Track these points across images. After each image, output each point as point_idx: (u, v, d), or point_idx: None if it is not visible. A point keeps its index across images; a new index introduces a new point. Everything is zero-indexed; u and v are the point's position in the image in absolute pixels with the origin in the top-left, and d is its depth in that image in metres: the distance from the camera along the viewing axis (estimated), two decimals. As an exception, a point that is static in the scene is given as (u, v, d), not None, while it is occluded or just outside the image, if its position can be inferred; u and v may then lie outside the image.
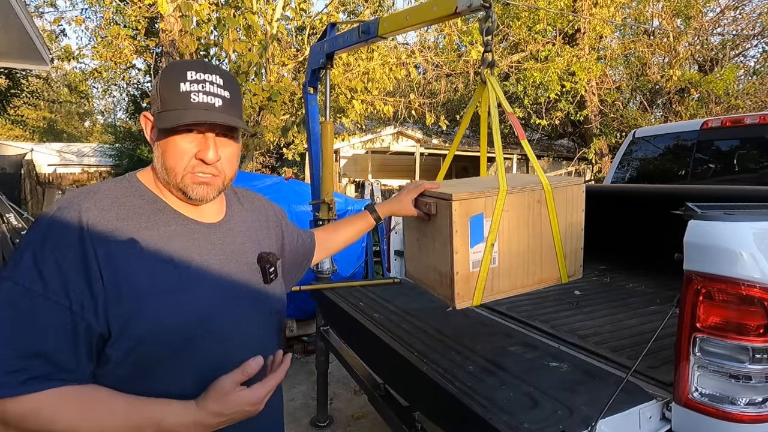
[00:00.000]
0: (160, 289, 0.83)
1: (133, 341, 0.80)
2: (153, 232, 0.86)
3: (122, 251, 0.82)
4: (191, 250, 0.90)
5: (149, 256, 0.84)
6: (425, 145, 13.30)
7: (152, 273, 0.83)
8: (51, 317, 0.76)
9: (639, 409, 1.22)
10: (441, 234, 1.35)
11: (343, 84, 6.75)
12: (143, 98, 11.80)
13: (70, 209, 0.82)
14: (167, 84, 0.86)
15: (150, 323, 0.81)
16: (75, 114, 28.43)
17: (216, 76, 0.89)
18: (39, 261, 0.77)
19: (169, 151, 0.87)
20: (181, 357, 0.85)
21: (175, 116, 0.84)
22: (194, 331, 0.86)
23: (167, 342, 0.83)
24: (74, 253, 0.79)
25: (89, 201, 0.84)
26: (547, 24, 9.09)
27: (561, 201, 1.48)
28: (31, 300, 0.76)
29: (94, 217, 0.82)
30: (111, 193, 0.87)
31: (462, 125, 1.69)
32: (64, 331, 0.76)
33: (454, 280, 1.32)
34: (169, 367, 0.84)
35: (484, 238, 1.35)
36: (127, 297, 0.80)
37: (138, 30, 7.15)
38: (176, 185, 0.89)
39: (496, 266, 1.39)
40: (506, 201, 1.36)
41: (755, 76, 11.09)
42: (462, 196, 1.29)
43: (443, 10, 1.78)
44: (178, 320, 0.84)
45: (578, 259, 1.57)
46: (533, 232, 1.45)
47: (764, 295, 1.09)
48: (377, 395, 1.98)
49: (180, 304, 0.85)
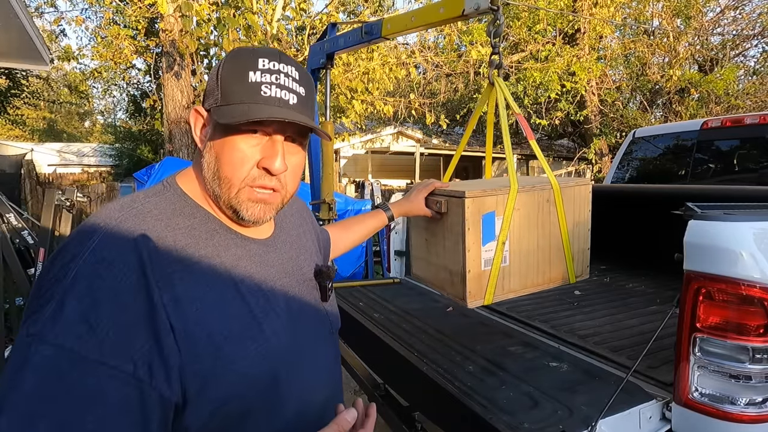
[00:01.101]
0: (236, 332, 0.67)
1: (216, 402, 0.64)
2: (215, 261, 0.69)
3: (188, 290, 0.64)
4: (256, 276, 0.74)
5: (217, 293, 0.67)
6: (425, 145, 13.31)
7: (224, 313, 0.67)
8: (112, 390, 0.56)
9: (639, 409, 1.22)
10: (452, 232, 1.35)
11: (343, 84, 6.76)
12: (143, 98, 11.80)
13: (119, 241, 0.63)
14: (232, 72, 0.70)
15: (233, 376, 0.65)
16: (75, 114, 28.44)
17: (292, 68, 0.73)
18: (89, 313, 0.56)
19: (225, 155, 0.70)
20: (267, 405, 0.70)
21: (241, 110, 0.67)
22: (278, 373, 0.71)
23: (253, 394, 0.68)
24: (137, 300, 0.59)
25: (140, 225, 0.65)
26: (547, 24, 9.09)
27: (569, 201, 1.49)
28: (82, 368, 0.55)
29: (152, 249, 0.63)
30: (161, 214, 0.69)
31: (469, 126, 1.69)
32: (129, 408, 0.56)
33: (466, 279, 1.32)
34: (255, 419, 0.69)
35: (496, 237, 1.35)
36: (203, 349, 0.63)
37: (138, 30, 7.14)
38: (227, 201, 0.71)
39: (507, 265, 1.40)
40: (517, 199, 1.37)
41: (755, 76, 11.11)
42: (474, 194, 1.29)
43: (450, 12, 1.77)
44: (262, 366, 0.69)
45: (585, 259, 1.58)
46: (542, 232, 1.46)
47: (764, 295, 1.09)
48: (377, 395, 1.98)
49: (260, 347, 0.69)
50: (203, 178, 0.73)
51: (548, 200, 1.45)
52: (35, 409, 0.53)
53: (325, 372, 0.84)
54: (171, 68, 5.72)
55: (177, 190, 0.74)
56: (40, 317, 0.56)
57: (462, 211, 1.29)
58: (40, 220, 3.42)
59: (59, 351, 0.55)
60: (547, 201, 1.45)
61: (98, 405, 0.55)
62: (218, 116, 0.68)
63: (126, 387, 0.56)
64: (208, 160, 0.72)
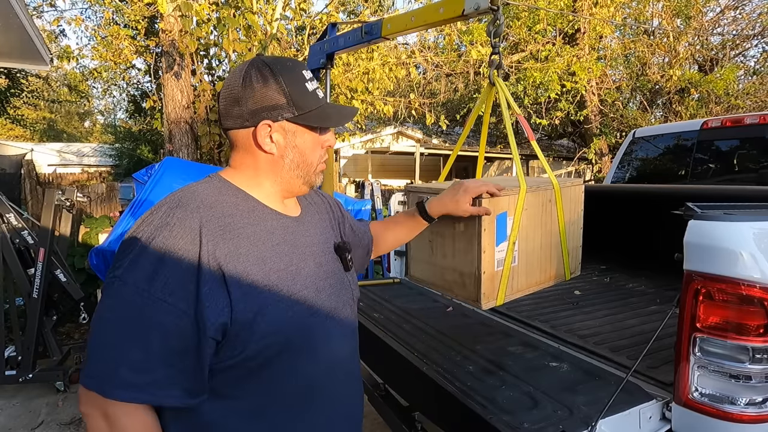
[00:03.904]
0: (273, 282, 0.84)
1: (260, 336, 0.81)
2: (256, 228, 0.87)
3: (236, 248, 0.82)
4: (290, 243, 0.91)
5: (258, 251, 0.84)
6: (425, 145, 13.30)
7: (264, 267, 0.84)
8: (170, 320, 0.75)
9: (639, 409, 1.22)
10: (465, 234, 1.34)
11: (343, 84, 6.75)
12: (143, 98, 11.79)
13: (180, 209, 0.81)
14: (295, 86, 0.89)
15: (273, 316, 0.82)
16: (75, 114, 28.42)
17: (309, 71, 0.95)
18: (156, 263, 0.76)
19: (309, 148, 0.93)
20: (300, 345, 0.87)
21: (322, 114, 0.91)
22: (308, 321, 0.88)
23: (288, 334, 0.84)
24: (193, 254, 0.77)
25: (196, 199, 0.84)
26: (547, 24, 9.09)
27: (566, 200, 1.50)
28: (149, 303, 0.74)
29: (207, 216, 0.82)
30: (210, 193, 0.87)
31: (467, 126, 1.70)
32: (181, 335, 0.76)
33: (481, 280, 1.32)
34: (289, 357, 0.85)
35: (507, 237, 1.35)
36: (249, 293, 0.80)
37: (138, 30, 7.13)
38: (308, 177, 0.95)
39: (516, 265, 1.40)
40: (525, 199, 1.37)
41: (755, 76, 11.10)
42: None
43: (450, 12, 1.77)
44: (295, 311, 0.85)
45: (578, 257, 1.59)
46: (545, 230, 1.47)
47: (764, 295, 1.09)
48: (377, 395, 1.98)
49: (293, 296, 0.86)
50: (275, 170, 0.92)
51: (550, 200, 1.46)
52: (119, 326, 0.75)
53: (349, 329, 1.00)
54: (171, 68, 5.71)
55: (221, 178, 0.92)
56: (122, 265, 0.77)
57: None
58: (40, 220, 3.42)
59: (135, 289, 0.75)
60: (549, 201, 1.46)
61: (160, 329, 0.75)
62: (314, 122, 0.91)
63: (179, 319, 0.75)
64: (291, 157, 0.92)
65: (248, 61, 0.90)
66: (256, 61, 0.89)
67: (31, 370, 3.29)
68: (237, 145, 0.92)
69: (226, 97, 0.89)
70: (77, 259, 4.69)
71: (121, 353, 0.74)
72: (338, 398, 0.96)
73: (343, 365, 0.98)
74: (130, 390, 0.74)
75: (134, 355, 0.74)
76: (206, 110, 6.06)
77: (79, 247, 5.16)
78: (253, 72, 0.88)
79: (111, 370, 0.74)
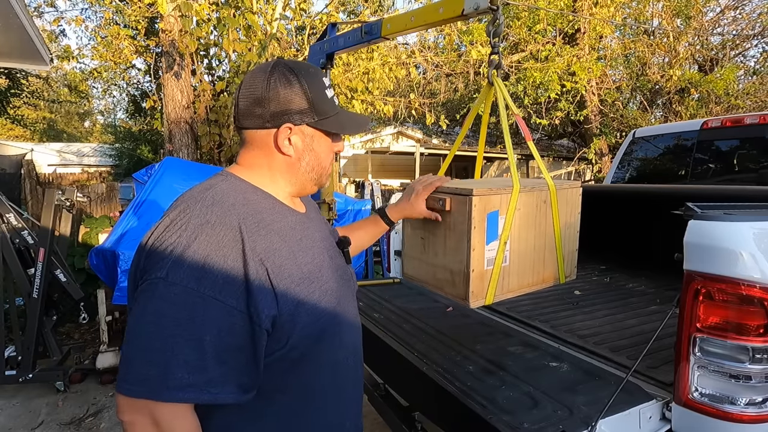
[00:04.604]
0: (306, 274, 0.87)
1: (302, 324, 0.84)
2: (282, 224, 0.89)
3: (271, 244, 0.84)
4: (309, 237, 0.95)
5: (288, 247, 0.87)
6: (425, 145, 13.31)
7: (296, 261, 0.87)
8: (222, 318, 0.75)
9: (639, 409, 1.22)
10: (456, 231, 1.33)
11: (343, 84, 6.74)
12: (143, 98, 11.79)
13: (218, 207, 0.82)
14: (317, 92, 0.91)
15: (310, 305, 0.85)
16: (75, 114, 28.41)
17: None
18: (203, 262, 0.75)
19: (324, 153, 0.96)
20: (333, 330, 0.91)
21: (339, 121, 0.95)
22: (335, 308, 0.92)
23: (324, 320, 0.88)
24: (237, 250, 0.78)
25: (230, 198, 0.85)
26: (547, 24, 9.09)
27: (562, 202, 1.49)
28: (201, 301, 0.74)
29: (243, 214, 0.83)
30: (237, 192, 0.88)
31: (465, 126, 1.70)
32: (233, 331, 0.76)
33: (469, 278, 1.31)
34: (326, 341, 0.90)
35: (498, 236, 1.34)
36: (289, 285, 0.83)
37: (138, 30, 7.14)
38: (319, 179, 0.99)
39: (507, 265, 1.39)
40: (518, 199, 1.37)
41: (755, 76, 11.09)
42: (481, 192, 1.28)
43: (449, 12, 1.77)
44: (326, 299, 0.89)
45: (573, 260, 1.58)
46: (538, 232, 1.45)
47: (764, 295, 1.09)
48: (377, 395, 1.98)
49: (323, 286, 0.90)
50: (294, 172, 0.95)
51: (545, 201, 1.45)
52: (170, 328, 0.73)
53: (357, 319, 1.06)
54: (171, 68, 5.71)
55: (237, 177, 0.92)
56: (164, 266, 0.75)
57: (468, 210, 1.27)
58: (40, 220, 3.42)
59: (184, 289, 0.74)
60: (544, 202, 1.45)
61: (213, 327, 0.74)
62: (334, 128, 0.95)
63: (232, 316, 0.76)
64: (308, 160, 0.95)
65: (271, 63, 0.91)
66: (280, 64, 0.90)
67: (31, 370, 3.30)
68: (252, 145, 0.93)
69: (248, 96, 0.89)
70: (77, 259, 4.69)
71: (174, 354, 0.72)
72: (356, 381, 1.03)
73: (358, 351, 1.04)
74: (188, 390, 0.73)
75: (189, 355, 0.73)
76: (206, 110, 6.06)
77: (79, 247, 5.16)
78: (278, 74, 0.89)
79: (165, 373, 0.72)
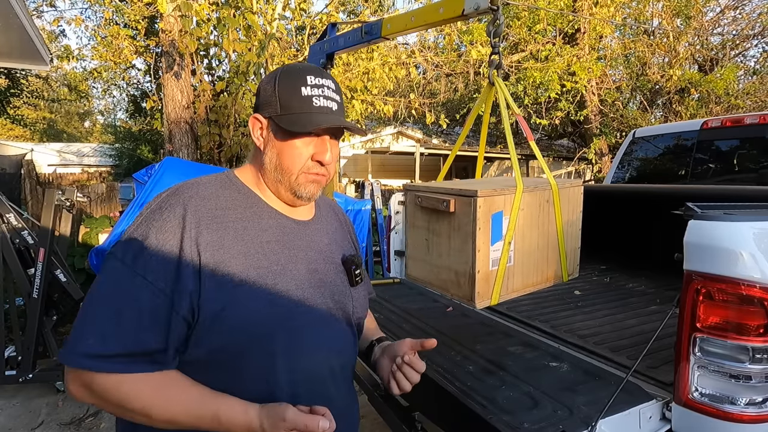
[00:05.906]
0: (252, 279, 0.85)
1: (225, 328, 0.82)
2: (247, 223, 0.89)
3: (219, 238, 0.85)
4: (282, 243, 0.92)
5: (243, 246, 0.86)
6: (425, 145, 13.30)
7: (245, 262, 0.85)
8: (146, 297, 0.79)
9: (639, 409, 1.22)
10: (460, 232, 1.33)
11: (343, 84, 6.75)
12: (143, 98, 11.79)
13: (174, 196, 0.87)
14: (287, 87, 0.90)
15: (242, 311, 0.83)
16: (75, 114, 28.40)
17: (330, 81, 0.94)
18: (142, 243, 0.81)
19: (286, 152, 0.91)
20: (261, 350, 0.85)
21: (304, 120, 0.89)
22: (279, 323, 0.86)
23: (253, 333, 0.84)
24: (176, 238, 0.82)
25: (192, 190, 0.88)
26: (547, 24, 9.09)
27: (564, 201, 1.49)
28: (131, 278, 0.79)
29: (195, 205, 0.86)
30: (211, 185, 0.91)
31: (466, 126, 1.70)
32: (158, 315, 0.79)
33: (475, 279, 1.31)
34: (248, 359, 0.84)
35: (502, 236, 1.34)
36: (223, 284, 0.82)
37: (138, 30, 7.13)
38: (289, 185, 0.93)
39: (512, 265, 1.39)
40: (521, 199, 1.36)
41: (755, 76, 11.10)
42: (486, 193, 1.28)
43: (450, 12, 1.77)
44: (266, 311, 0.85)
45: (576, 258, 1.58)
46: (542, 231, 1.46)
47: (764, 295, 1.09)
48: (377, 395, 1.98)
49: (269, 295, 0.86)
50: (264, 169, 0.94)
51: (548, 200, 1.45)
52: (102, 298, 0.80)
53: (336, 346, 0.96)
54: (171, 68, 5.71)
55: (231, 175, 0.96)
56: (118, 244, 0.83)
57: (473, 210, 1.27)
58: (40, 220, 3.42)
59: (121, 264, 0.81)
60: (546, 201, 1.45)
61: (136, 304, 0.78)
62: (284, 123, 0.89)
63: (156, 297, 0.79)
64: (270, 156, 0.92)
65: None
66: (282, 66, 0.96)
67: (31, 370, 3.29)
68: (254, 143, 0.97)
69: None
70: (77, 259, 4.69)
71: (93, 322, 0.78)
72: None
73: (314, 386, 0.89)
74: (96, 360, 0.76)
75: (104, 325, 0.77)
76: (206, 110, 6.06)
77: (79, 247, 5.17)
78: (271, 73, 0.95)
79: (78, 339, 0.77)
